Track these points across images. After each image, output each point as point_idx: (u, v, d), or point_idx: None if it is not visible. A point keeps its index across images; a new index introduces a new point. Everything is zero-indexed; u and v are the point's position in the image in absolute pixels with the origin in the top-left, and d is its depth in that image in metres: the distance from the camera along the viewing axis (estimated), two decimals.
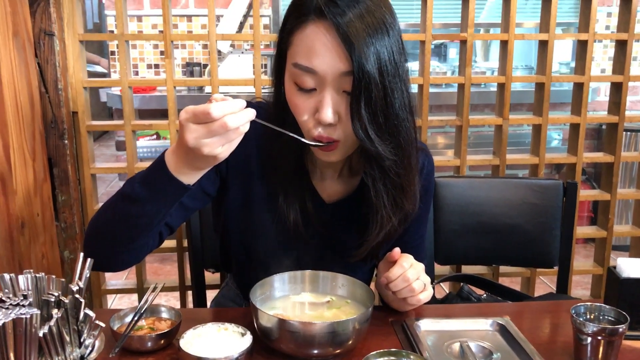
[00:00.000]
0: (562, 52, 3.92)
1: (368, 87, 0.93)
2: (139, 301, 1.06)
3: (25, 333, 0.64)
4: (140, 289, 1.88)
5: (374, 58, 0.92)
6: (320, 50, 0.93)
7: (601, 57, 3.89)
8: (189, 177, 0.92)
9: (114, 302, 2.78)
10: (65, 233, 1.70)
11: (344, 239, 1.18)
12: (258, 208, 1.16)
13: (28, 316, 0.65)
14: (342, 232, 1.17)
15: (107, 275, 2.03)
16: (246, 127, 0.85)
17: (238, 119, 0.82)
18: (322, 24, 0.93)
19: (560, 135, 3.70)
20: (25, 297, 0.70)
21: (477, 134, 3.79)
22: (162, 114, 3.04)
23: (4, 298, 0.69)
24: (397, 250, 1.08)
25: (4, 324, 0.64)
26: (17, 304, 0.68)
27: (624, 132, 3.50)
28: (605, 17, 3.82)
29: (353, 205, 1.15)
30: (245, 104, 0.85)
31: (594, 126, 3.83)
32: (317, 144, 1.00)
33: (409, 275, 1.04)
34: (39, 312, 0.67)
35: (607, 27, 3.93)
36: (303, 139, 1.00)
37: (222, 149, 0.85)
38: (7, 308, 0.68)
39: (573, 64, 2.33)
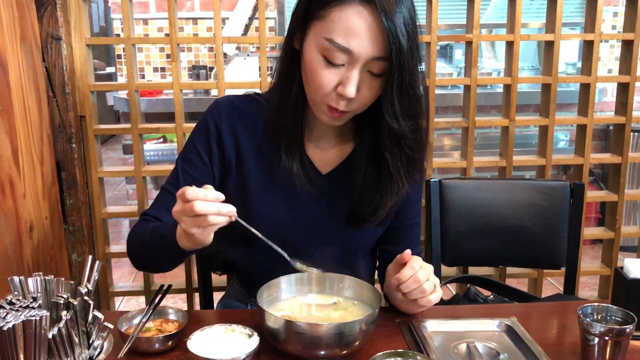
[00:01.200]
0: (569, 52, 3.91)
1: (402, 72, 1.01)
2: (147, 303, 1.07)
3: (35, 334, 0.65)
4: (147, 291, 1.89)
5: (409, 46, 1.00)
6: (361, 33, 0.99)
7: (608, 57, 3.88)
8: (187, 247, 1.03)
9: (121, 304, 2.79)
10: (73, 236, 1.71)
11: (341, 207, 1.21)
12: (254, 186, 1.21)
13: (38, 318, 0.66)
14: (339, 200, 1.21)
15: (115, 277, 2.04)
16: (219, 220, 0.95)
17: (205, 206, 0.92)
18: (368, 8, 0.98)
19: (567, 136, 3.68)
20: (34, 299, 0.70)
21: (483, 135, 3.78)
22: (169, 116, 3.06)
23: (14, 300, 0.70)
24: (407, 251, 1.09)
25: (14, 325, 0.65)
26: (27, 306, 0.69)
27: (632, 133, 3.51)
28: (611, 17, 3.81)
29: (346, 173, 1.21)
30: (223, 197, 0.96)
31: (601, 127, 3.81)
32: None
33: (420, 276, 1.05)
34: (48, 314, 0.68)
35: (614, 27, 3.92)
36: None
37: (196, 230, 0.95)
38: (17, 310, 0.68)
39: (580, 65, 2.32)
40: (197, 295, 1.77)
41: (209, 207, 0.93)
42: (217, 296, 1.59)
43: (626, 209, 3.64)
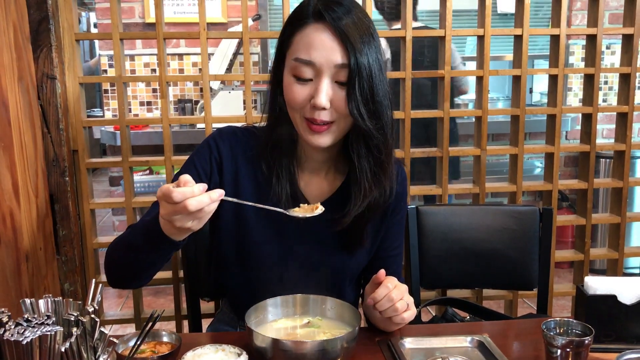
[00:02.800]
0: (543, 83, 4.08)
1: (361, 76, 1.12)
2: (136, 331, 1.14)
3: (50, 348, 0.73)
4: (137, 319, 1.94)
5: (364, 54, 1.12)
6: (318, 45, 1.12)
7: (579, 87, 4.04)
8: (178, 237, 1.05)
9: (110, 332, 2.82)
10: (65, 266, 1.77)
11: (330, 238, 1.28)
12: (249, 214, 1.27)
13: (53, 333, 0.73)
14: (327, 231, 1.27)
15: (105, 305, 2.09)
16: (212, 207, 0.99)
17: (198, 202, 0.95)
18: (321, 24, 1.13)
19: (543, 164, 3.82)
20: (48, 317, 0.78)
21: (464, 163, 3.91)
22: (155, 149, 3.15)
23: (30, 318, 0.78)
24: (382, 272, 1.18)
25: (31, 340, 0.72)
26: (42, 323, 0.77)
27: (603, 159, 3.65)
28: (581, 50, 3.98)
29: (335, 205, 1.26)
30: (205, 187, 0.98)
31: (574, 154, 3.95)
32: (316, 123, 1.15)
33: (393, 295, 1.14)
34: (62, 329, 0.75)
35: (583, 59, 4.10)
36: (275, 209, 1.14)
37: (192, 223, 0.99)
38: (34, 326, 0.76)
39: None
40: (186, 323, 1.83)
41: (203, 200, 0.95)
42: (205, 323, 1.65)
43: (601, 232, 3.76)
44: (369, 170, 1.21)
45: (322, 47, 1.12)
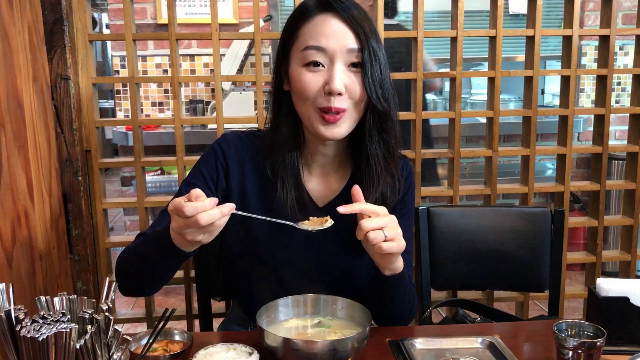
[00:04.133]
0: (556, 84, 4.06)
1: (373, 57, 1.16)
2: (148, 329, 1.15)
3: (65, 345, 0.74)
4: (149, 318, 1.96)
5: (374, 39, 1.17)
6: (329, 32, 1.15)
7: (591, 89, 4.01)
8: (188, 248, 1.07)
9: (122, 331, 2.84)
10: (78, 265, 1.79)
11: (338, 239, 1.27)
12: (256, 218, 1.25)
13: (68, 330, 0.74)
14: (336, 232, 1.23)
15: (117, 304, 2.10)
16: (223, 221, 1.00)
17: (209, 216, 0.96)
18: (329, 14, 1.16)
19: (554, 165, 3.80)
20: (63, 314, 0.79)
21: (473, 165, 3.90)
22: (166, 149, 3.16)
23: (46, 315, 0.79)
24: (355, 186, 1.14)
25: (47, 336, 0.74)
26: (58, 320, 0.78)
27: (615, 161, 3.63)
28: (593, 51, 3.95)
29: (342, 204, 1.23)
30: (216, 201, 0.99)
31: (587, 155, 3.93)
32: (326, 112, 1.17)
33: (365, 223, 1.08)
34: (77, 326, 0.76)
35: (595, 60, 4.07)
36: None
37: (203, 236, 1.01)
38: (49, 323, 0.77)
39: None
40: (197, 322, 1.84)
41: (214, 214, 0.96)
42: (216, 322, 1.66)
43: (613, 234, 3.73)
44: (381, 155, 1.24)
45: (333, 33, 1.14)
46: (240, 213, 1.07)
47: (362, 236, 1.10)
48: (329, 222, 1.13)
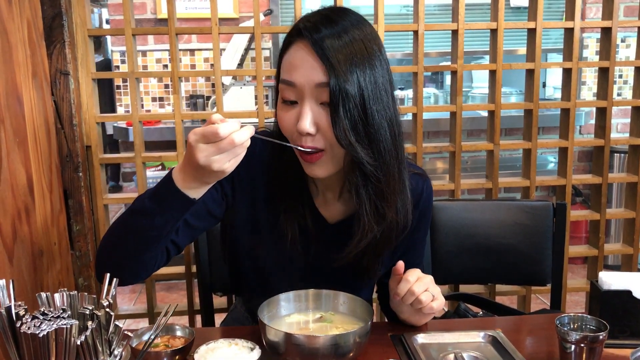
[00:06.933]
0: (557, 77, 4.04)
1: (346, 97, 1.02)
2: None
3: (65, 341, 0.74)
4: (150, 313, 1.96)
5: (349, 73, 1.02)
6: (298, 64, 1.05)
7: (593, 82, 4.00)
8: (196, 192, 1.00)
9: (123, 327, 2.84)
10: (79, 261, 1.79)
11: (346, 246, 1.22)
12: (264, 230, 1.24)
13: (68, 326, 0.74)
14: (344, 241, 1.21)
15: (118, 300, 2.10)
16: (248, 142, 0.95)
17: (243, 134, 0.92)
18: (302, 42, 1.05)
19: (556, 158, 3.79)
20: (64, 310, 0.79)
21: (474, 159, 3.89)
22: (167, 144, 3.16)
23: (46, 311, 0.79)
24: (400, 264, 1.15)
25: (48, 332, 0.73)
26: (58, 316, 0.78)
27: (617, 154, 3.62)
28: (595, 43, 3.94)
29: (351, 228, 1.20)
30: (240, 122, 0.94)
31: (588, 149, 3.92)
32: (305, 149, 1.08)
33: (415, 288, 1.12)
34: (77, 322, 0.76)
35: (597, 52, 4.06)
36: (293, 146, 1.09)
37: (229, 163, 0.94)
38: (50, 320, 0.77)
39: None
40: (198, 318, 1.84)
41: (245, 134, 0.93)
42: (218, 318, 1.66)
43: (615, 227, 3.72)
44: (369, 202, 1.12)
45: (302, 65, 1.04)
46: (261, 137, 1.04)
47: (412, 300, 1.13)
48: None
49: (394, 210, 1.15)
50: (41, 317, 0.78)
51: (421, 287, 1.13)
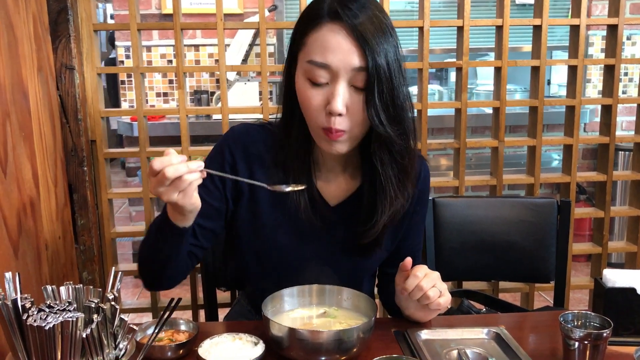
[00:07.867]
0: (562, 74, 4.03)
1: (380, 80, 1.06)
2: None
3: (71, 334, 0.74)
4: (154, 308, 1.96)
5: (383, 56, 1.06)
6: (334, 47, 1.05)
7: (598, 79, 3.98)
8: (182, 221, 1.08)
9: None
10: (84, 255, 1.79)
11: (348, 238, 1.26)
12: (267, 222, 1.25)
13: (74, 319, 0.75)
14: (346, 232, 1.25)
15: (122, 294, 2.11)
16: (193, 177, 0.99)
17: (175, 170, 0.95)
18: (337, 24, 1.06)
19: (561, 156, 3.78)
20: (70, 303, 0.80)
21: (478, 155, 3.88)
22: (171, 139, 3.16)
23: (52, 304, 0.79)
24: (408, 260, 1.16)
25: (54, 325, 0.74)
26: (64, 309, 0.78)
27: (622, 152, 3.61)
28: (600, 41, 3.92)
29: (355, 205, 1.24)
30: (185, 158, 0.98)
31: (593, 146, 3.91)
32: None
33: (424, 284, 1.13)
34: (83, 315, 0.77)
35: (603, 50, 4.04)
36: (266, 186, 1.11)
37: (177, 196, 0.99)
38: (56, 312, 0.77)
39: None
40: (202, 312, 1.84)
41: (180, 168, 0.96)
42: (222, 312, 1.67)
43: (619, 225, 3.72)
44: (394, 177, 1.17)
45: (339, 49, 1.05)
46: (215, 173, 1.08)
47: (420, 295, 1.13)
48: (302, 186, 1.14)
49: (412, 182, 1.22)
50: (47, 310, 0.79)
51: (429, 283, 1.13)
